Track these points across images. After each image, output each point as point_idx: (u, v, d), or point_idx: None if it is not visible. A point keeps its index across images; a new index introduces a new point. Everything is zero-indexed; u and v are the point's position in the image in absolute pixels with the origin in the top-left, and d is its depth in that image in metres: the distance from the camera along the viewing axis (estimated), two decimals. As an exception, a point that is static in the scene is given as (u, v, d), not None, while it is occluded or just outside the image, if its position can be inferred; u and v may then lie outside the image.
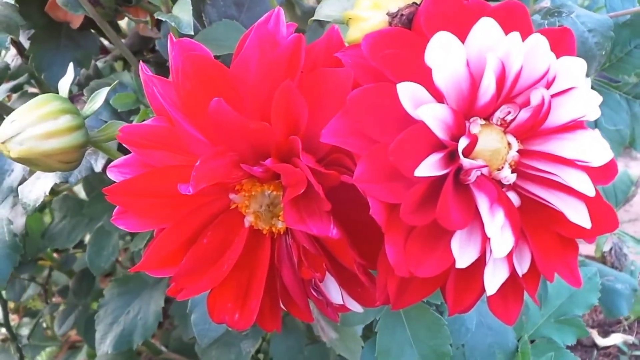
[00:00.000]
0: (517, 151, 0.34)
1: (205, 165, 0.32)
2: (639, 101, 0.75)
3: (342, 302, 0.37)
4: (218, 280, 0.36)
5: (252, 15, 0.53)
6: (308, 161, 0.31)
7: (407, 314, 0.49)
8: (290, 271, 0.36)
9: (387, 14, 0.35)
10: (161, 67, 0.57)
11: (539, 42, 0.33)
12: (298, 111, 0.32)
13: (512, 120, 0.33)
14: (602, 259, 1.07)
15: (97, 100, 0.41)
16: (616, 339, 1.56)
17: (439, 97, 0.31)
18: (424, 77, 0.31)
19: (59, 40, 0.55)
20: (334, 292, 0.37)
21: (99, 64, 0.63)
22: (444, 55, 0.31)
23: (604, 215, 0.34)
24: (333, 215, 0.33)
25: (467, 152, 0.32)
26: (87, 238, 0.71)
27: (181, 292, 0.36)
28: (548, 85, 0.33)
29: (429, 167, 0.31)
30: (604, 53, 0.56)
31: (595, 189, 0.33)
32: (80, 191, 0.69)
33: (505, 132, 0.34)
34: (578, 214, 0.33)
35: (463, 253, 0.32)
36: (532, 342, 0.67)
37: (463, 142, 0.31)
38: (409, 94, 0.31)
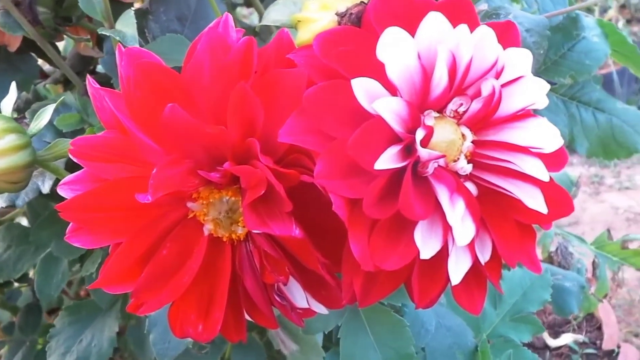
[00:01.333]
0: (472, 142, 0.34)
1: (162, 173, 0.31)
2: (575, 102, 0.77)
3: (306, 306, 0.36)
4: (179, 292, 0.35)
5: (196, 29, 0.52)
6: (267, 162, 0.31)
7: (368, 318, 0.49)
8: (252, 278, 0.36)
9: (335, 13, 0.35)
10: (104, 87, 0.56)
11: (486, 33, 0.33)
12: (253, 113, 0.32)
13: (465, 111, 0.34)
14: (549, 259, 1.09)
15: (43, 117, 0.40)
16: (567, 338, 1.59)
17: (392, 91, 0.32)
18: (377, 72, 0.31)
19: (-4, 65, 0.54)
20: (298, 296, 0.36)
21: (38, 87, 0.61)
22: (396, 49, 0.31)
23: (559, 200, 0.35)
24: (294, 216, 0.32)
25: (424, 144, 0.32)
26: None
27: (142, 307, 0.35)
28: (497, 76, 0.34)
29: (388, 160, 0.31)
30: (542, 52, 0.58)
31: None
32: (22, 219, 0.67)
33: (458, 124, 0.34)
34: (534, 200, 0.34)
35: (426, 244, 0.32)
36: (488, 341, 0.68)
37: (420, 133, 0.31)
38: (363, 89, 0.31)
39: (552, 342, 1.61)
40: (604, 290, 1.15)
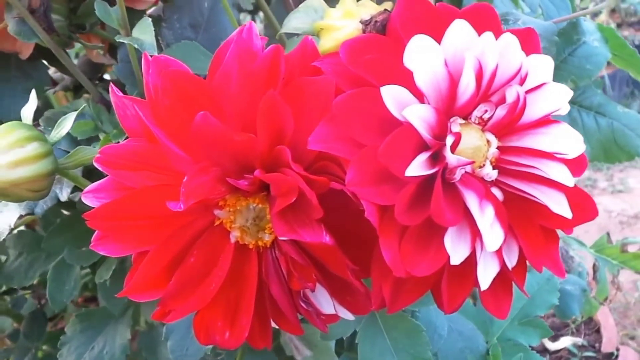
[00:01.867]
0: (497, 148, 0.34)
1: (193, 180, 0.31)
2: (577, 106, 0.77)
3: (332, 312, 0.36)
4: (207, 299, 0.35)
5: (209, 37, 0.52)
6: (298, 169, 0.31)
7: (385, 323, 0.49)
8: (278, 284, 0.36)
9: (360, 21, 0.35)
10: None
11: (510, 40, 0.34)
12: (283, 120, 0.32)
13: (489, 118, 0.34)
14: (550, 263, 1.10)
15: (64, 125, 0.40)
16: (566, 342, 1.60)
17: (420, 98, 0.32)
18: (404, 79, 0.32)
19: (9, 72, 0.54)
20: (324, 302, 0.36)
21: (48, 95, 0.61)
22: (423, 56, 0.32)
23: (583, 205, 0.35)
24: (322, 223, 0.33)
25: (452, 151, 0.32)
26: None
27: (169, 315, 0.35)
28: (521, 82, 0.34)
29: (418, 166, 0.31)
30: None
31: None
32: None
33: (483, 130, 0.34)
34: (559, 205, 0.34)
35: (456, 250, 0.32)
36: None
37: (450, 140, 0.32)
38: (392, 96, 0.31)
39: (551, 346, 1.62)
40: (605, 294, 1.16)
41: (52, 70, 0.63)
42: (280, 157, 0.32)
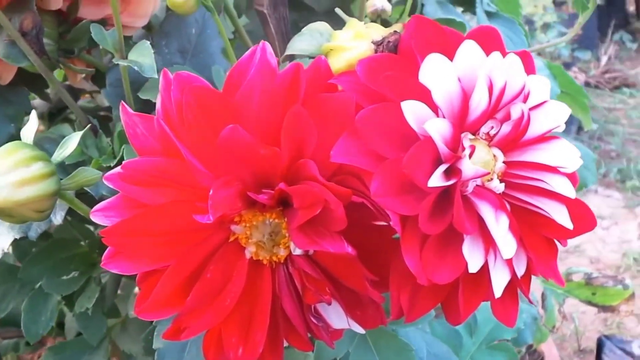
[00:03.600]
0: (503, 162, 0.36)
1: (218, 193, 0.32)
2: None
3: (344, 327, 0.37)
4: (223, 315, 0.35)
5: (197, 62, 0.53)
6: (323, 181, 0.32)
7: (375, 343, 0.50)
8: (290, 300, 0.36)
9: (372, 42, 0.37)
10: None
11: (514, 60, 0.36)
12: (307, 135, 0.33)
13: (495, 134, 0.36)
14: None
15: (68, 146, 0.40)
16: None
17: (436, 113, 0.33)
18: (420, 95, 0.33)
19: (-12, 98, 0.53)
20: (334, 316, 0.37)
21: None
22: (439, 74, 0.33)
23: (583, 216, 0.37)
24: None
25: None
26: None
27: (184, 332, 0.35)
28: (525, 100, 0.36)
29: (439, 178, 0.32)
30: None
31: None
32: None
33: (489, 146, 0.36)
34: (562, 216, 0.36)
35: (473, 258, 0.33)
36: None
37: (467, 152, 0.33)
38: (412, 111, 0.32)
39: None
40: (553, 322, 1.19)
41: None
42: (303, 171, 0.33)
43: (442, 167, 0.33)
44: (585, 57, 3.57)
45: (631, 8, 4.18)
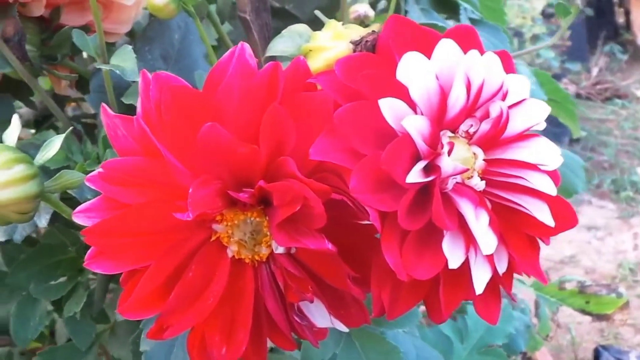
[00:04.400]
0: (483, 160, 0.36)
1: (198, 191, 0.32)
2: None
3: (327, 325, 0.37)
4: (206, 313, 0.35)
5: (180, 68, 0.53)
6: (303, 178, 0.32)
7: (363, 346, 0.50)
8: (273, 298, 0.36)
9: (350, 42, 0.37)
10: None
11: (493, 59, 0.36)
12: (285, 133, 0.33)
13: (475, 132, 0.36)
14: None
15: (50, 148, 0.40)
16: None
17: (414, 110, 0.34)
18: (398, 93, 0.33)
19: (-27, 105, 0.53)
20: (318, 315, 0.37)
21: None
22: (416, 71, 0.34)
23: (564, 213, 0.37)
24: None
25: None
26: None
27: (167, 331, 0.35)
28: (503, 98, 0.36)
29: (417, 174, 0.33)
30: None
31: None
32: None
33: (469, 144, 0.36)
34: (543, 214, 0.36)
35: (453, 254, 0.33)
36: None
37: (446, 148, 0.33)
38: (390, 108, 0.33)
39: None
40: (547, 330, 1.19)
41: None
42: (282, 169, 0.33)
43: (421, 164, 0.33)
44: (576, 69, 3.59)
45: (621, 20, 4.20)
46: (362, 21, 0.56)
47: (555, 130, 2.36)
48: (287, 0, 0.71)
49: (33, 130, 0.62)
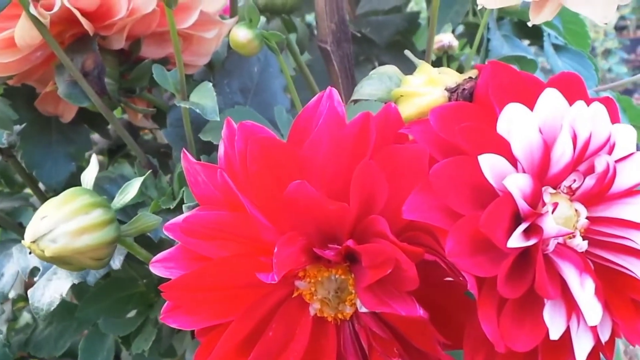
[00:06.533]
0: (586, 218, 0.34)
1: (283, 250, 0.30)
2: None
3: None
4: (286, 375, 0.34)
5: (259, 101, 0.52)
6: (394, 240, 0.30)
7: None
8: (356, 359, 0.35)
9: (445, 89, 0.35)
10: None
11: (599, 110, 0.33)
12: (377, 189, 0.31)
13: (577, 188, 0.33)
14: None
15: (129, 192, 0.39)
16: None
17: (515, 167, 0.31)
18: (498, 147, 0.31)
19: (50, 136, 0.53)
20: (400, 376, 0.35)
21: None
22: (519, 124, 0.31)
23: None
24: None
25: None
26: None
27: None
28: (610, 152, 0.34)
29: (519, 237, 0.30)
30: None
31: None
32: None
33: (571, 200, 0.34)
34: (651, 277, 0.33)
35: (554, 324, 0.31)
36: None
37: (550, 209, 0.31)
38: (490, 165, 0.30)
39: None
40: (618, 362, 1.14)
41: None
42: (372, 227, 0.31)
43: (523, 226, 0.31)
44: (649, 84, 3.48)
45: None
46: (446, 51, 0.54)
47: None
48: (364, 24, 0.69)
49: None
